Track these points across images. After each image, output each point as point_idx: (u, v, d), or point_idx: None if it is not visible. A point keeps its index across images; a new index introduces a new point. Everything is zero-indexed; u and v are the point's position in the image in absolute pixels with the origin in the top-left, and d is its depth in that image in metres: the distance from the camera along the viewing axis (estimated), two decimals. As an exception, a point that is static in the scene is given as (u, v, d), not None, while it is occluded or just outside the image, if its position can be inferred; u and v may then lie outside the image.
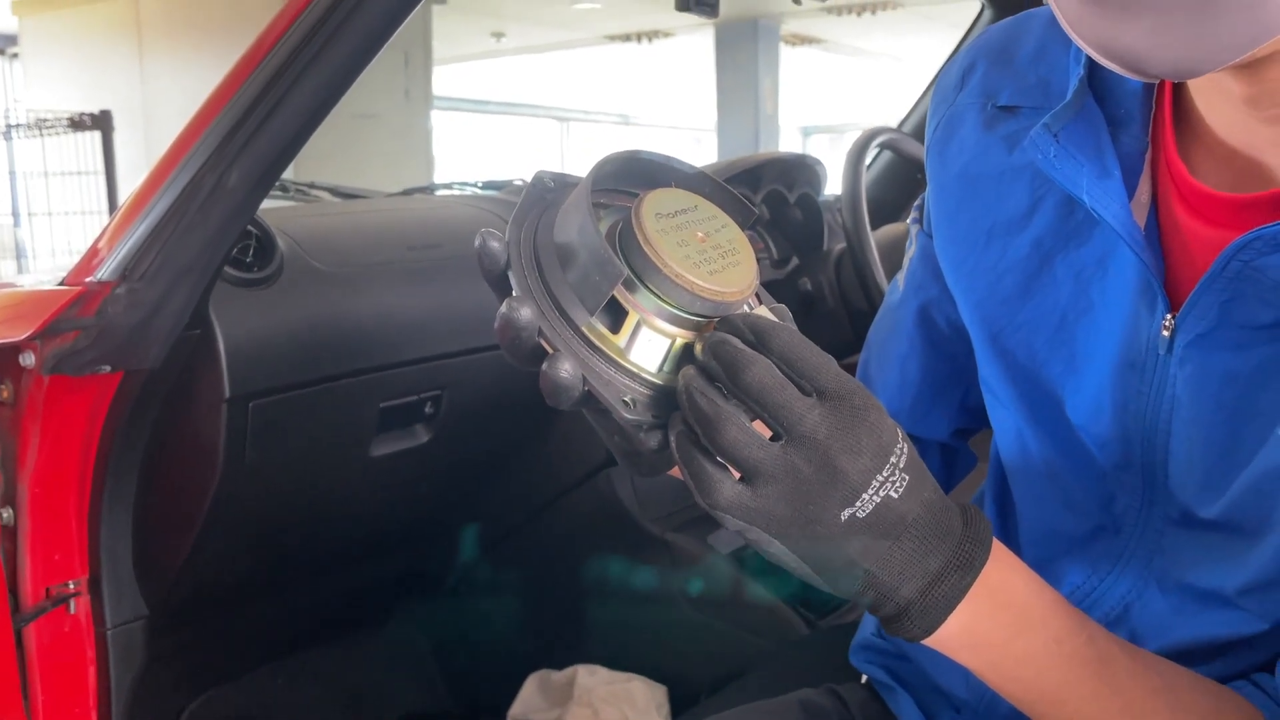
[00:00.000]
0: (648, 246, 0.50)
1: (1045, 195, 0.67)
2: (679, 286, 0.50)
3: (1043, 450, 0.71)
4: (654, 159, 0.57)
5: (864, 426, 0.49)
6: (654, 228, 0.50)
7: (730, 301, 0.51)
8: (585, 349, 0.51)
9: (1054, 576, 0.72)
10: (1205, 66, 0.49)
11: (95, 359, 1.00)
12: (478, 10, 9.19)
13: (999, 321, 0.71)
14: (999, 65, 0.72)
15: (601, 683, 1.48)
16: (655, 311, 0.51)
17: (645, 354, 0.52)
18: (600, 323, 0.51)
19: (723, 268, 0.51)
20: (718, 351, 0.49)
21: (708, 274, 0.50)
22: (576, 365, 0.49)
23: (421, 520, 1.56)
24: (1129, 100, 0.63)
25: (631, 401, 0.51)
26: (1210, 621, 0.63)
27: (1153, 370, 0.62)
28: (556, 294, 0.51)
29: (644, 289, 0.51)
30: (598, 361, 0.51)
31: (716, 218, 0.54)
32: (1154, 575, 0.67)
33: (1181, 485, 0.63)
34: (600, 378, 0.51)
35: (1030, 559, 0.74)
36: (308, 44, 0.90)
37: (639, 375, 0.52)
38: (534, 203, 0.56)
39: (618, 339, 0.51)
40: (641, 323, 0.51)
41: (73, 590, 1.10)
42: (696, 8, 1.46)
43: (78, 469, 1.07)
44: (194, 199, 0.94)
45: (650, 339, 0.52)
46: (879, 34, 10.66)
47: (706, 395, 0.48)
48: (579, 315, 0.51)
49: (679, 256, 0.50)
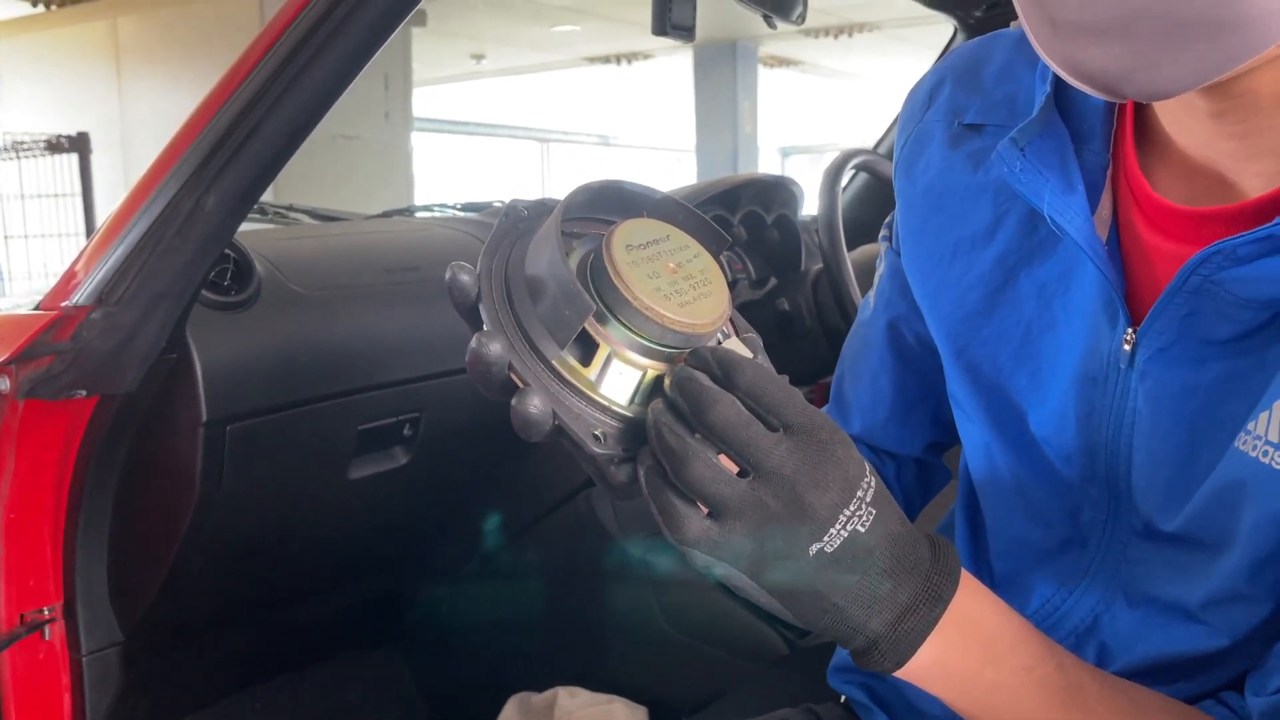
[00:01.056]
0: (618, 279, 0.50)
1: (1009, 211, 0.69)
2: (649, 319, 0.50)
3: (1010, 464, 0.71)
4: (627, 187, 0.56)
5: (830, 461, 0.49)
6: (624, 260, 0.50)
7: (701, 333, 0.51)
8: (556, 383, 0.51)
9: (1023, 590, 0.72)
10: (1177, 89, 0.50)
11: (71, 383, 0.99)
12: (457, 33, 9.22)
13: (965, 336, 0.72)
14: (966, 84, 0.74)
15: (582, 705, 1.47)
16: (626, 344, 0.51)
17: (617, 387, 0.52)
18: (571, 356, 0.51)
19: (694, 299, 0.51)
20: (684, 389, 0.49)
21: (678, 306, 0.50)
22: (546, 400, 0.49)
23: (401, 543, 1.56)
24: (1092, 116, 0.64)
25: (602, 435, 0.51)
26: (1177, 636, 0.64)
27: (1114, 384, 0.63)
28: (527, 327, 0.51)
29: (615, 322, 0.51)
30: (568, 395, 0.51)
31: (689, 247, 0.54)
32: (1121, 588, 0.67)
33: (1144, 498, 0.64)
34: (570, 412, 0.51)
35: (1000, 572, 0.75)
36: (286, 67, 0.90)
37: (610, 408, 0.52)
38: (507, 232, 0.56)
39: (589, 372, 0.51)
40: (613, 355, 0.51)
41: (47, 616, 1.09)
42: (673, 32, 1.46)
43: (53, 494, 1.06)
44: (171, 223, 0.94)
45: (622, 372, 0.52)
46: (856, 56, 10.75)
47: (674, 432, 0.49)
48: (549, 349, 0.51)
49: (649, 289, 0.50)
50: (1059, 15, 0.50)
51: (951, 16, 1.87)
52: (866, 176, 2.06)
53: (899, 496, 0.89)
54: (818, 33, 9.47)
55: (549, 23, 9.12)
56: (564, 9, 8.59)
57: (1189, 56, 0.48)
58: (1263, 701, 0.57)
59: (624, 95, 12.57)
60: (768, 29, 1.32)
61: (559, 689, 1.50)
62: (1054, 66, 0.52)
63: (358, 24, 0.89)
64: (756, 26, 9.64)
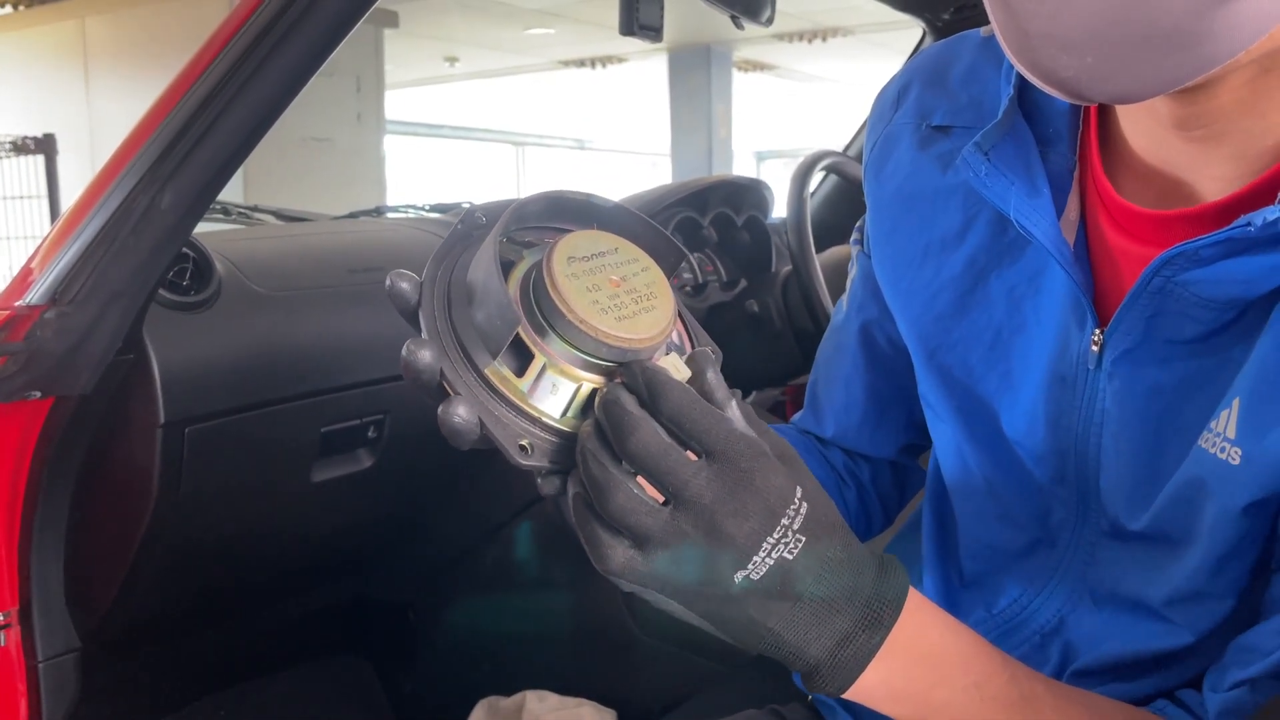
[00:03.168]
0: (554, 292, 0.50)
1: (978, 214, 0.69)
2: (583, 333, 0.50)
3: (981, 465, 0.72)
4: (578, 199, 0.57)
5: (749, 490, 0.49)
6: (564, 272, 0.51)
7: (639, 348, 0.51)
8: (484, 391, 0.51)
9: (991, 590, 0.73)
10: (1145, 95, 0.51)
11: (24, 385, 0.97)
12: (430, 35, 9.19)
13: (935, 338, 0.72)
14: (933, 86, 0.74)
15: (550, 709, 1.46)
16: (563, 356, 0.51)
17: (550, 399, 0.52)
18: (505, 365, 0.52)
19: (634, 313, 0.51)
20: (608, 412, 0.49)
21: (615, 320, 0.50)
22: (473, 409, 0.50)
23: (367, 546, 1.54)
24: (1057, 119, 0.65)
25: (529, 446, 0.51)
26: (1142, 634, 0.64)
27: (1083, 385, 0.63)
28: (462, 335, 0.52)
29: (552, 334, 0.51)
30: (496, 404, 0.51)
31: (637, 261, 0.54)
32: (1087, 588, 0.68)
33: (1112, 498, 0.64)
34: (497, 421, 0.51)
35: (969, 572, 0.75)
36: (243, 62, 0.89)
37: (540, 420, 0.52)
38: (460, 239, 0.57)
39: (521, 382, 0.52)
40: (547, 368, 0.51)
41: (2, 622, 1.06)
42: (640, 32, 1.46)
43: (7, 497, 1.04)
44: (126, 221, 0.93)
45: (556, 384, 0.52)
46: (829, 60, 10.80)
47: (598, 460, 0.49)
48: (481, 358, 0.51)
49: (585, 302, 0.50)
50: (1031, 26, 0.50)
51: (920, 19, 1.88)
52: (836, 179, 2.06)
53: (874, 500, 0.89)
54: (791, 37, 9.51)
55: (522, 25, 9.11)
56: (537, 12, 8.58)
57: (1159, 64, 0.48)
58: (1220, 698, 0.58)
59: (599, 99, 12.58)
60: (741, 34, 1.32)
61: (527, 693, 1.49)
62: (1026, 72, 0.52)
63: (316, 19, 0.88)
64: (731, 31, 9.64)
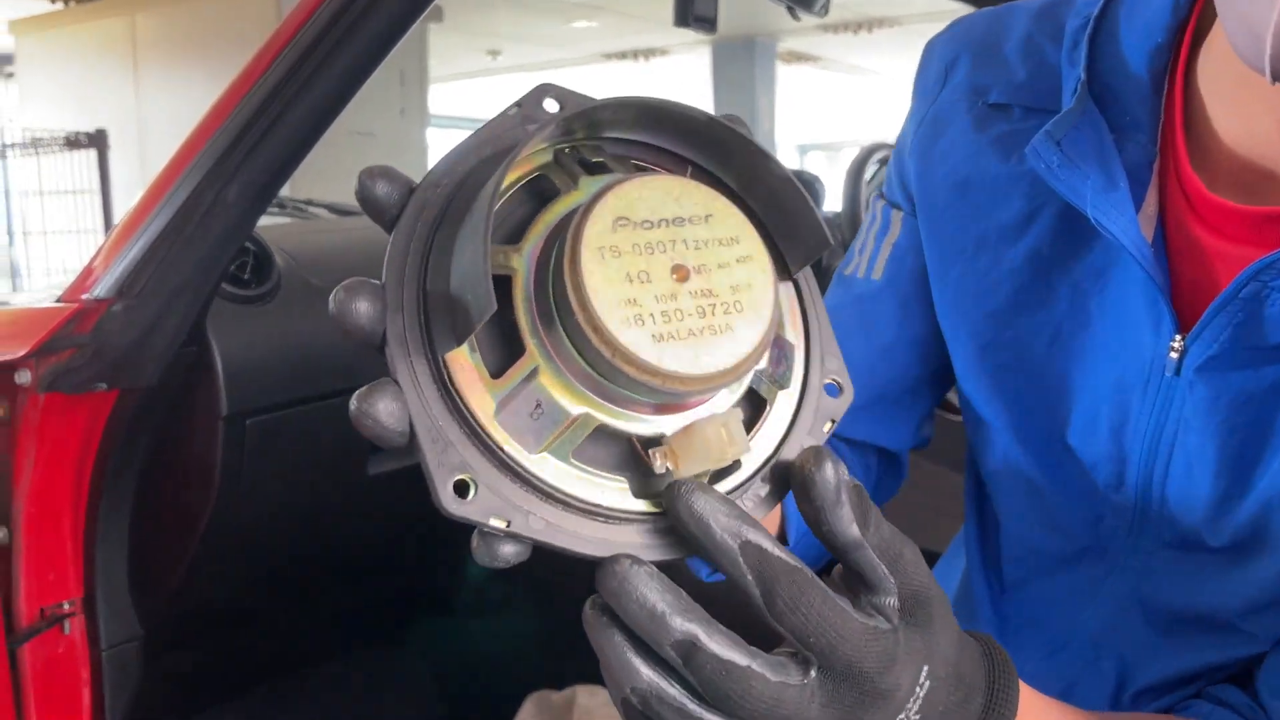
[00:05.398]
0: (569, 272, 0.33)
1: (1044, 204, 0.64)
2: (592, 344, 0.33)
3: (1030, 467, 0.68)
4: (695, 119, 0.38)
5: (871, 709, 0.38)
6: (598, 241, 0.33)
7: (676, 389, 0.34)
8: (434, 388, 0.35)
9: (1034, 597, 0.70)
10: None
11: (91, 377, 0.99)
12: (474, 29, 9.22)
13: (987, 335, 0.68)
14: (984, 59, 0.68)
15: (602, 703, 1.46)
16: (566, 367, 0.35)
17: (525, 423, 0.35)
18: (474, 357, 0.35)
19: (693, 331, 0.34)
20: (697, 668, 0.36)
21: (650, 338, 0.33)
22: (403, 406, 0.34)
23: (418, 539, 1.55)
24: (1135, 107, 0.60)
25: (470, 484, 0.35)
26: (1205, 646, 0.62)
27: (1157, 392, 0.60)
28: (430, 292, 0.35)
29: (558, 329, 0.35)
30: (444, 411, 0.35)
31: (736, 242, 0.36)
32: (1140, 599, 0.65)
33: (1181, 507, 0.61)
34: (436, 437, 0.34)
35: (1010, 578, 0.73)
36: (306, 60, 0.90)
37: (500, 450, 0.35)
38: (493, 135, 0.39)
39: (494, 387, 0.35)
40: (538, 375, 0.35)
41: (67, 610, 1.08)
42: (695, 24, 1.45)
43: (73, 487, 1.05)
44: (191, 215, 0.94)
45: (542, 404, 0.35)
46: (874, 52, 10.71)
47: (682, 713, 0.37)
48: (443, 336, 0.35)
49: (612, 298, 0.33)
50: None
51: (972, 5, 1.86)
52: (887, 171, 2.05)
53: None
54: (837, 28, 9.44)
55: (565, 18, 9.12)
56: (581, 5, 8.58)
57: None
58: None
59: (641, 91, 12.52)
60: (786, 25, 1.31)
61: (578, 687, 1.49)
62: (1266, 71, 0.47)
63: (377, 16, 0.88)
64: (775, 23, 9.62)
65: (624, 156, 0.40)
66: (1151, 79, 0.58)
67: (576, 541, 0.36)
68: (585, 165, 0.38)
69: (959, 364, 0.71)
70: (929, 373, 0.76)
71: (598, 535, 0.37)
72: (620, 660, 0.36)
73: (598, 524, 0.37)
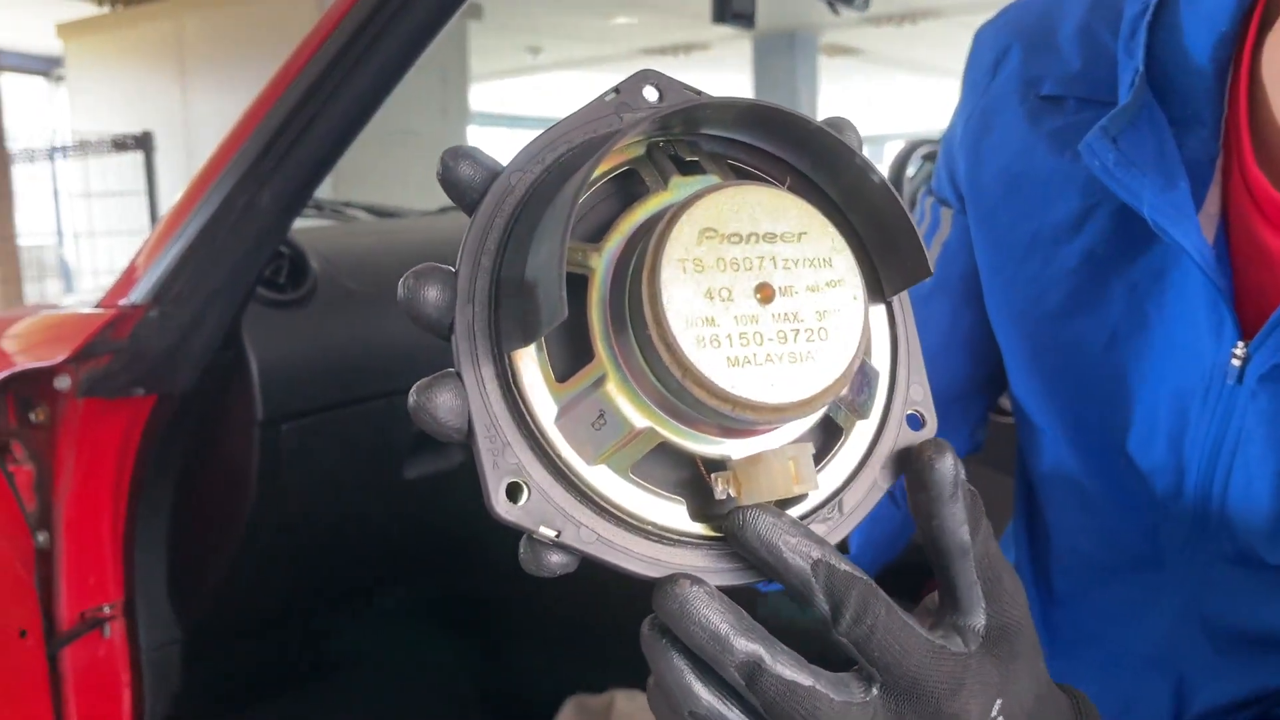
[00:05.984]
0: (647, 281, 0.32)
1: (1100, 202, 0.61)
2: (661, 359, 0.32)
3: (1083, 474, 0.65)
4: (802, 125, 0.36)
5: None
6: (679, 254, 0.32)
7: (747, 416, 0.32)
8: (496, 385, 0.34)
9: (1086, 610, 0.68)
10: None
11: (129, 382, 0.99)
12: (514, 26, 9.26)
13: (1041, 337, 0.65)
14: (1038, 49, 0.65)
15: (641, 708, 1.45)
16: (633, 376, 0.33)
17: (586, 432, 0.34)
18: (541, 357, 0.34)
19: (771, 358, 0.32)
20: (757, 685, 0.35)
21: (724, 361, 0.31)
22: (464, 402, 0.33)
23: (457, 541, 1.55)
24: (1196, 100, 0.56)
25: (524, 488, 0.34)
26: (1267, 667, 0.59)
27: (1218, 400, 0.57)
28: (504, 289, 0.34)
29: (630, 338, 0.33)
30: (504, 411, 0.34)
31: (829, 264, 0.34)
32: (1199, 615, 0.62)
33: (1243, 521, 0.58)
34: (494, 435, 0.33)
35: (1060, 590, 0.70)
36: (339, 63, 0.89)
37: (558, 456, 0.34)
38: (582, 126, 0.37)
39: (559, 391, 0.34)
40: (605, 383, 0.33)
41: (108, 614, 1.09)
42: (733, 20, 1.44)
43: (112, 492, 1.06)
44: (226, 219, 0.94)
45: (606, 413, 0.34)
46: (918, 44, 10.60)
47: None
48: (511, 336, 0.34)
49: (687, 315, 0.31)
50: None
51: None
52: (933, 167, 2.01)
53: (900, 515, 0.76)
54: (879, 21, 9.35)
55: (606, 15, 9.12)
56: (621, 1, 8.58)
57: None
58: None
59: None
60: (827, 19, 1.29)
61: (616, 692, 1.48)
62: None
63: (410, 17, 0.87)
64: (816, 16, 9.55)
65: (721, 156, 0.37)
66: (1215, 70, 0.56)
67: (627, 558, 0.36)
68: (678, 163, 0.36)
69: (1011, 367, 0.68)
70: (982, 377, 0.74)
71: (649, 554, 0.36)
72: (680, 684, 0.35)
73: (651, 543, 0.36)
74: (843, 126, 0.39)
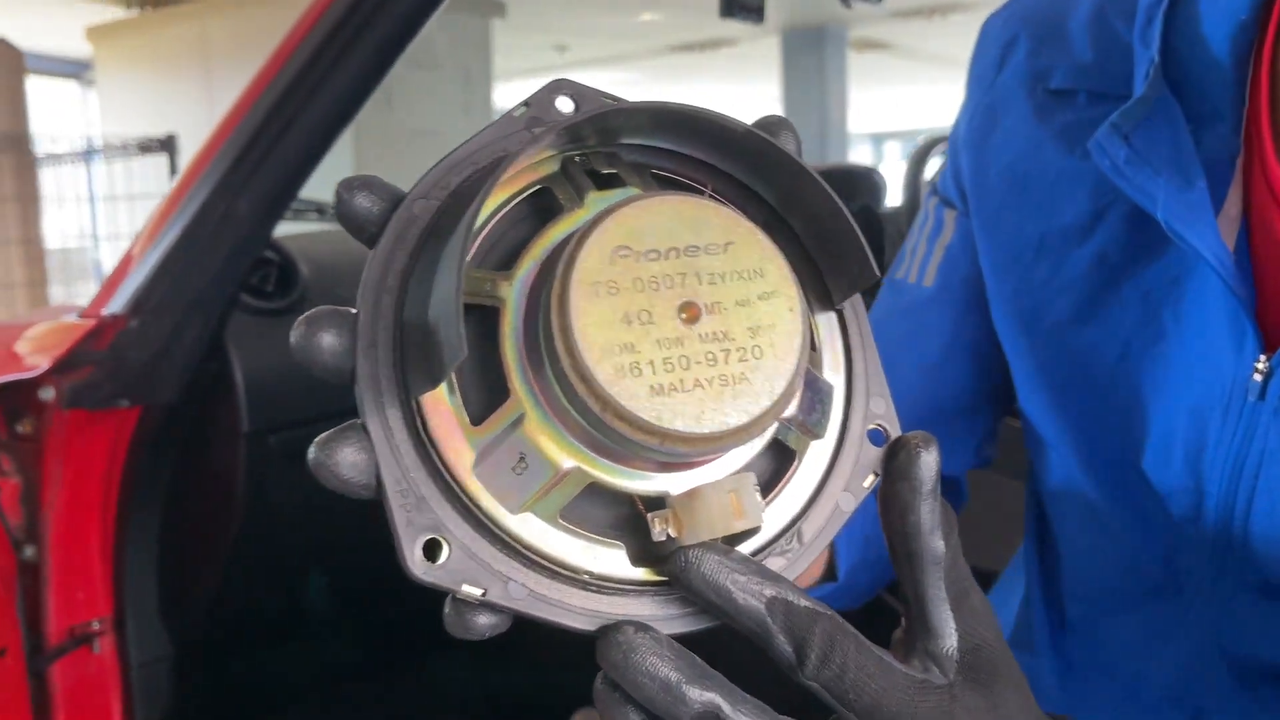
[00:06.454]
0: (557, 312, 0.29)
1: (1112, 203, 0.57)
2: (579, 394, 0.29)
3: (1095, 494, 0.61)
4: (715, 125, 0.33)
5: None
6: (590, 277, 0.29)
7: (679, 449, 0.29)
8: (404, 433, 0.30)
9: (1100, 640, 0.64)
10: None
11: (112, 393, 0.97)
12: (539, 24, 9.24)
13: (1050, 347, 0.61)
14: (1047, 40, 0.61)
15: (648, 721, 1.42)
16: (557, 414, 0.30)
17: (507, 479, 0.31)
18: (454, 400, 0.30)
19: (706, 380, 0.29)
20: None
21: (649, 389, 0.28)
22: (369, 456, 0.30)
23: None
24: (1215, 94, 0.52)
25: (443, 546, 0.30)
26: None
27: (1238, 417, 0.53)
28: (408, 333, 0.31)
29: (547, 372, 0.30)
30: (414, 462, 0.30)
31: (761, 275, 0.31)
32: (1221, 648, 0.58)
33: (1265, 549, 0.54)
34: (407, 491, 0.30)
35: (1074, 616, 0.66)
36: (313, 67, 0.87)
37: (477, 507, 0.30)
38: (490, 145, 0.34)
39: (475, 434, 0.30)
40: (524, 421, 0.30)
41: (96, 629, 1.07)
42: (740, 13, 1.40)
43: (100, 505, 1.04)
44: (203, 228, 0.91)
45: (527, 456, 0.30)
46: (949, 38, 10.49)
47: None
48: (418, 380, 0.30)
49: (604, 342, 0.28)
50: None
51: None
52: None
53: None
54: (908, 14, 9.26)
55: (631, 12, 9.10)
56: (647, -2, 8.57)
57: None
58: None
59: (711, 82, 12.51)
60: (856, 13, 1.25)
61: (624, 704, 1.45)
62: None
63: (385, 19, 0.84)
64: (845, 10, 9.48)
65: (645, 166, 0.34)
66: (1234, 61, 0.52)
67: (563, 613, 0.32)
68: (595, 177, 0.33)
69: (1018, 379, 0.64)
70: (987, 389, 0.70)
71: (588, 606, 0.32)
72: None
73: (589, 594, 0.32)
74: (777, 127, 0.35)
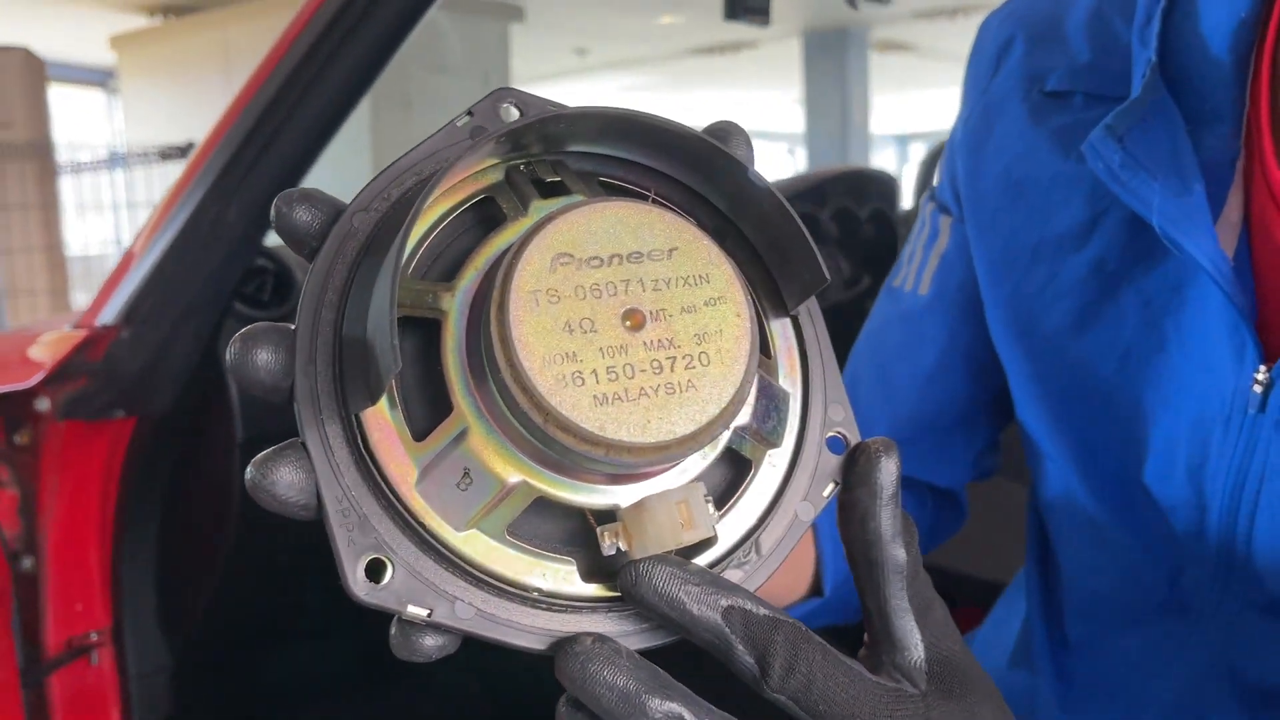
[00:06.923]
0: (496, 322, 0.28)
1: (1109, 207, 0.55)
2: (521, 407, 0.28)
3: (1095, 508, 0.59)
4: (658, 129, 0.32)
5: None
6: (530, 286, 0.28)
7: (626, 459, 0.28)
8: (345, 451, 0.29)
9: (1103, 658, 0.61)
10: None
11: (107, 403, 0.97)
12: (559, 28, 9.25)
13: (1048, 357, 0.59)
14: (1043, 40, 0.60)
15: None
16: (501, 427, 0.29)
17: (451, 496, 0.30)
18: (395, 415, 0.30)
19: (651, 389, 0.28)
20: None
21: (592, 399, 0.28)
22: (308, 475, 0.29)
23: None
24: (1215, 94, 0.50)
25: (387, 565, 0.29)
26: None
27: (1239, 429, 0.51)
28: (347, 348, 0.30)
29: (490, 385, 0.29)
30: (357, 480, 0.29)
31: (706, 280, 0.30)
32: (1227, 668, 0.55)
33: (1270, 565, 0.52)
34: (348, 511, 0.29)
35: (1075, 636, 0.64)
36: (299, 74, 0.85)
37: (421, 525, 0.30)
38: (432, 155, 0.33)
39: (418, 449, 0.30)
40: (467, 436, 0.29)
41: (95, 640, 1.06)
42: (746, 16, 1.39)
43: (98, 515, 1.03)
44: (194, 236, 0.91)
45: (471, 471, 0.30)
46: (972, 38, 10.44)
47: None
48: (357, 396, 0.29)
49: (546, 352, 0.28)
50: None
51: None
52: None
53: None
54: (931, 15, 9.20)
55: (652, 14, 9.09)
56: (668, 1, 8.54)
57: None
58: None
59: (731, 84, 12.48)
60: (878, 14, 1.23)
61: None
62: None
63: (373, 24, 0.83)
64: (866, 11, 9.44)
65: (591, 174, 0.34)
66: (1234, 60, 0.50)
67: (513, 633, 0.31)
68: (539, 185, 0.32)
69: (1015, 389, 0.62)
70: (986, 399, 0.68)
71: (538, 625, 0.31)
72: None
73: (539, 612, 0.31)
74: (727, 133, 0.34)
